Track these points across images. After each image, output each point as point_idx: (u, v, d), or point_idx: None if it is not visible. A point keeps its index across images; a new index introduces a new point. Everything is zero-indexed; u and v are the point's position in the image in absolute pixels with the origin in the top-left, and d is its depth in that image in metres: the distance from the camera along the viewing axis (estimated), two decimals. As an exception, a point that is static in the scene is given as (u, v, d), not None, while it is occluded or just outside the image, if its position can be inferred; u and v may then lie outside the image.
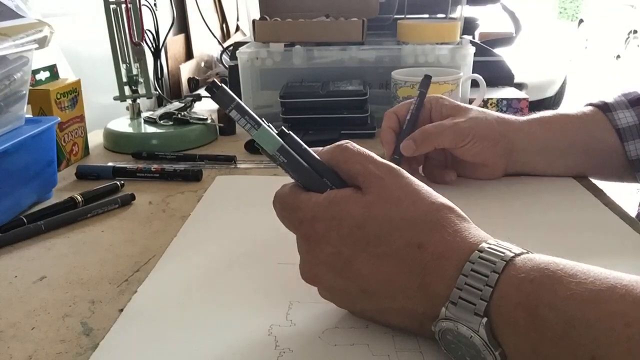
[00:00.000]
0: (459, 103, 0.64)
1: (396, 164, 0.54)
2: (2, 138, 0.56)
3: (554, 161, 0.64)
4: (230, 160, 0.75)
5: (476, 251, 0.33)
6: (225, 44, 1.51)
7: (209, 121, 0.86)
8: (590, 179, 0.65)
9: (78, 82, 0.76)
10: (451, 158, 0.65)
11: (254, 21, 0.95)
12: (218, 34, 1.63)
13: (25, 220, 0.56)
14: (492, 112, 0.63)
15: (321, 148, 0.40)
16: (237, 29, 1.85)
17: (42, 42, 0.59)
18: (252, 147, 0.81)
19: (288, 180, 0.41)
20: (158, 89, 1.13)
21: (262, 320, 0.40)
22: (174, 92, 1.35)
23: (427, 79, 0.66)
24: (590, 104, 0.67)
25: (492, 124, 0.61)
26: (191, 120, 0.85)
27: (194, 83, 1.37)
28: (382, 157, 0.42)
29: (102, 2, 0.82)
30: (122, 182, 0.67)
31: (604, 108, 0.65)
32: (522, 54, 3.38)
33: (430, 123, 0.62)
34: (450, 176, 0.63)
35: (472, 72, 0.89)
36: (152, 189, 0.67)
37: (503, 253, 0.32)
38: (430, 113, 0.64)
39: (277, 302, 0.42)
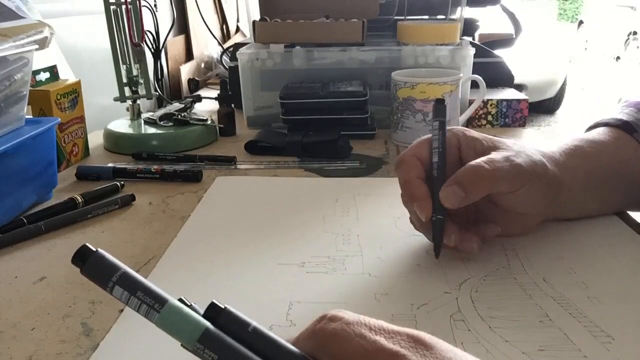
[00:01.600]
0: (491, 137, 0.49)
1: (439, 227, 0.45)
2: (3, 139, 0.56)
3: (596, 199, 0.54)
4: (230, 161, 0.75)
5: None
6: (226, 45, 1.51)
7: (209, 122, 0.86)
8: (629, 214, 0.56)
9: (78, 83, 0.76)
10: (484, 210, 0.49)
11: (254, 22, 0.95)
12: (218, 34, 1.64)
13: (25, 221, 0.56)
14: (532, 146, 0.50)
15: (292, 339, 0.27)
16: (237, 30, 1.85)
17: (43, 43, 0.59)
18: (252, 148, 0.81)
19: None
20: (158, 89, 1.13)
21: (262, 320, 0.39)
22: (174, 93, 1.35)
23: (440, 104, 0.51)
24: (607, 124, 0.56)
25: (543, 161, 0.48)
26: (191, 121, 0.85)
27: (194, 84, 1.37)
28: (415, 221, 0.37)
29: (102, 3, 0.82)
30: (122, 182, 0.67)
31: (626, 128, 0.54)
32: (522, 55, 3.38)
33: (460, 162, 0.48)
34: (474, 245, 0.46)
35: (472, 73, 0.89)
36: (152, 189, 0.67)
37: None
38: (460, 150, 0.49)
39: (277, 302, 0.42)
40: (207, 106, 1.06)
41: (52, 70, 0.75)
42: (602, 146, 0.53)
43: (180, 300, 0.24)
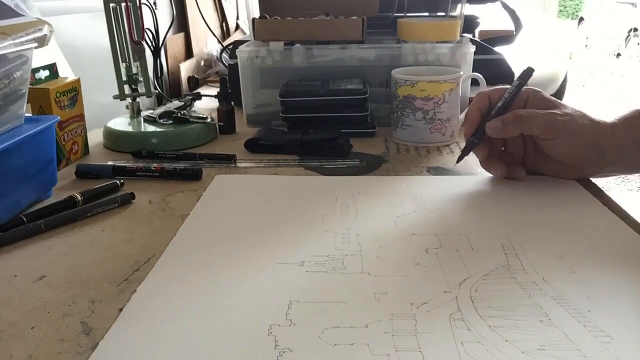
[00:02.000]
0: (556, 99, 0.62)
1: (471, 147, 0.64)
2: (2, 137, 0.56)
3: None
4: (230, 159, 0.75)
5: None
6: (225, 43, 1.50)
7: (208, 120, 0.86)
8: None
9: (78, 81, 0.76)
10: (533, 152, 0.64)
11: (253, 20, 0.94)
12: (218, 32, 1.63)
13: (24, 219, 0.56)
14: (585, 113, 0.61)
15: None
16: (237, 27, 1.85)
17: (42, 41, 0.59)
18: (252, 146, 0.81)
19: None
20: (158, 87, 1.13)
21: (261, 319, 0.40)
22: (174, 90, 1.35)
23: (529, 70, 0.64)
24: None
25: (586, 126, 0.59)
26: (191, 119, 0.85)
27: (193, 82, 1.37)
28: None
29: (101, 0, 0.82)
30: (122, 181, 0.67)
31: None
32: (522, 52, 3.37)
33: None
34: (521, 173, 0.63)
35: (473, 71, 0.89)
36: (152, 188, 0.67)
37: None
38: (526, 104, 0.62)
39: (276, 301, 0.42)
40: (206, 104, 1.06)
41: (52, 68, 0.75)
42: None
43: None
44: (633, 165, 0.62)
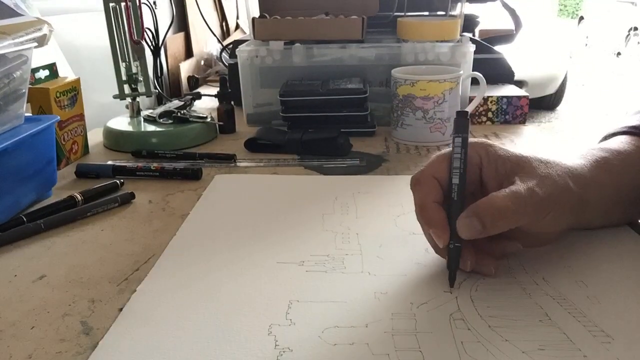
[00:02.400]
0: (514, 152, 0.46)
1: (455, 255, 0.43)
2: (2, 137, 0.56)
3: (622, 210, 0.52)
4: (230, 158, 0.75)
5: None
6: (225, 42, 1.50)
7: (208, 119, 0.86)
8: None
9: (77, 81, 0.76)
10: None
11: (253, 19, 0.94)
12: (218, 32, 1.63)
13: (24, 219, 0.56)
14: (557, 163, 0.46)
15: None
16: (237, 27, 1.85)
17: (42, 41, 0.59)
18: (252, 146, 0.81)
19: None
20: (158, 87, 1.13)
21: (261, 319, 0.40)
22: (174, 90, 1.35)
23: (462, 117, 0.45)
24: (626, 133, 0.54)
25: (568, 185, 0.45)
26: (191, 119, 0.84)
27: (193, 81, 1.37)
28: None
29: (101, 0, 0.82)
30: (122, 180, 0.67)
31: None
32: (522, 51, 3.37)
33: (480, 181, 0.46)
34: (491, 269, 0.45)
35: (472, 70, 0.89)
36: (152, 187, 0.67)
37: None
38: (481, 170, 0.46)
39: (276, 301, 0.42)
40: (206, 103, 1.06)
41: (52, 68, 0.75)
42: (628, 157, 0.51)
43: None
44: (614, 213, 0.52)
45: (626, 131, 0.54)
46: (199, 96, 0.94)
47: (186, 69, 1.38)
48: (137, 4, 0.84)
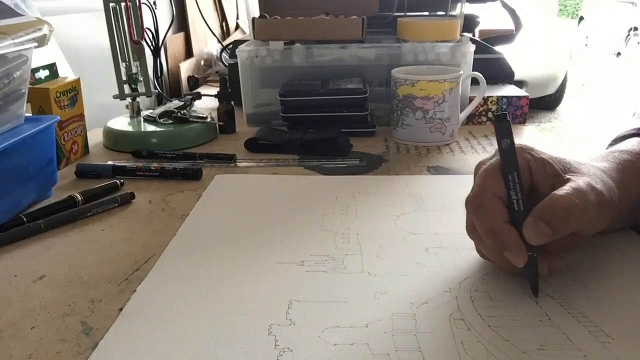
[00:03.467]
0: (554, 156, 0.45)
1: (534, 265, 0.41)
2: (2, 137, 0.56)
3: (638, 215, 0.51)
4: (230, 158, 0.75)
5: None
6: (225, 42, 1.50)
7: (208, 119, 0.86)
8: None
9: (77, 81, 0.76)
10: None
11: (253, 19, 0.94)
12: (218, 32, 1.63)
13: (24, 219, 0.56)
14: (591, 164, 0.45)
15: None
16: (237, 27, 1.85)
17: (42, 41, 0.59)
18: (252, 146, 0.81)
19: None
20: (158, 87, 1.13)
21: (261, 319, 0.40)
22: (174, 90, 1.35)
23: (503, 120, 0.42)
24: (636, 134, 0.53)
25: (612, 185, 0.44)
26: (191, 119, 0.84)
27: (193, 81, 1.37)
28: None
29: (101, 0, 0.82)
30: (122, 180, 0.67)
31: None
32: (522, 51, 3.37)
33: (531, 187, 0.44)
34: (562, 263, 0.44)
35: (472, 70, 0.89)
36: (152, 187, 0.67)
37: None
38: (531, 175, 0.44)
39: (276, 301, 0.42)
40: (206, 104, 1.06)
41: (52, 68, 0.75)
42: None
43: None
44: (636, 214, 0.51)
45: (637, 133, 0.53)
46: (199, 96, 0.94)
47: (186, 69, 1.38)
48: (137, 4, 0.84)
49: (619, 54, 7.83)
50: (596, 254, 0.48)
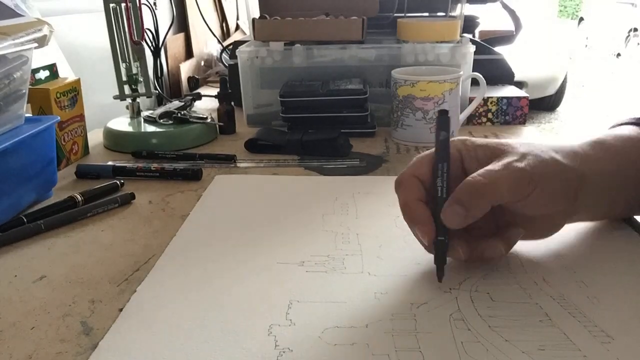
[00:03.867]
0: (494, 140, 0.46)
1: (440, 249, 0.43)
2: (2, 137, 0.56)
3: (626, 198, 0.49)
4: (230, 159, 0.75)
5: None
6: (225, 43, 1.50)
7: (208, 120, 0.86)
8: None
9: (78, 81, 0.76)
10: (503, 217, 0.46)
11: (253, 20, 0.95)
12: (218, 32, 1.63)
13: (25, 220, 0.56)
14: (541, 143, 0.46)
15: None
16: (237, 27, 1.85)
17: (42, 41, 0.59)
18: (252, 146, 0.81)
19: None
20: (158, 88, 1.13)
21: (261, 319, 0.40)
22: (174, 91, 1.35)
23: (444, 116, 0.44)
24: (632, 123, 0.52)
25: (555, 158, 0.44)
26: (191, 119, 0.85)
27: (193, 82, 1.37)
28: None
29: (101, 1, 0.82)
30: (122, 181, 0.67)
31: None
32: (522, 52, 3.37)
33: (465, 175, 0.43)
34: (501, 249, 0.44)
35: (472, 71, 0.89)
36: (152, 188, 0.67)
37: None
38: (463, 163, 0.45)
39: (276, 301, 0.42)
40: (206, 104, 1.06)
41: (52, 68, 0.75)
42: (629, 141, 0.49)
43: None
44: (617, 202, 0.50)
45: (633, 122, 0.53)
46: (199, 97, 0.94)
47: (186, 69, 1.38)
48: (137, 5, 0.84)
49: (619, 54, 7.83)
50: (596, 254, 0.48)
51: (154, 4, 1.14)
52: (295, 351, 0.36)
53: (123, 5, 0.82)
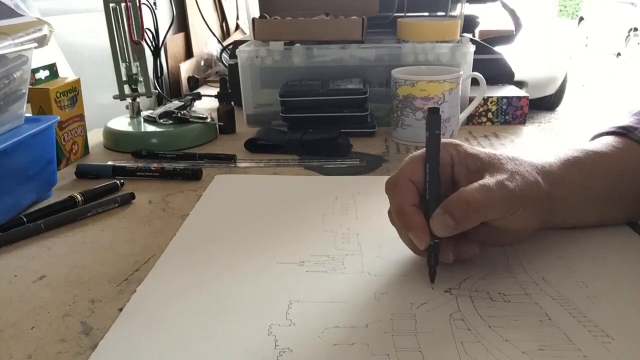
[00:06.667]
0: (483, 150, 0.47)
1: (434, 252, 0.43)
2: (2, 137, 0.56)
3: (597, 212, 0.51)
4: (230, 159, 0.75)
5: None
6: (225, 43, 1.50)
7: (208, 120, 0.86)
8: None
9: (78, 81, 0.76)
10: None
11: (253, 20, 0.94)
12: (218, 32, 1.63)
13: (24, 220, 0.56)
14: (526, 160, 0.47)
15: None
16: (237, 27, 1.85)
17: (42, 41, 0.59)
18: (252, 146, 0.81)
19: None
20: (158, 87, 1.13)
21: (261, 319, 0.40)
22: (174, 90, 1.35)
23: (434, 114, 0.44)
24: (608, 133, 0.54)
25: (538, 181, 0.45)
26: (191, 119, 0.84)
27: (193, 82, 1.37)
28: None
29: (101, 0, 0.82)
30: (122, 181, 0.67)
31: (625, 132, 0.53)
32: (522, 51, 3.37)
33: (452, 180, 0.46)
34: (475, 250, 0.46)
35: (472, 70, 0.89)
36: (152, 188, 0.67)
37: None
38: (453, 168, 0.46)
39: (276, 301, 0.42)
40: (206, 104, 1.06)
41: (52, 68, 0.75)
42: (602, 158, 0.51)
43: None
44: (588, 214, 0.51)
45: (613, 131, 0.54)
46: (199, 97, 0.94)
47: (186, 69, 1.38)
48: (137, 4, 0.84)
49: (619, 54, 7.83)
50: (596, 254, 0.48)
51: (154, 3, 1.14)
52: (295, 351, 0.36)
53: (123, 5, 0.82)
